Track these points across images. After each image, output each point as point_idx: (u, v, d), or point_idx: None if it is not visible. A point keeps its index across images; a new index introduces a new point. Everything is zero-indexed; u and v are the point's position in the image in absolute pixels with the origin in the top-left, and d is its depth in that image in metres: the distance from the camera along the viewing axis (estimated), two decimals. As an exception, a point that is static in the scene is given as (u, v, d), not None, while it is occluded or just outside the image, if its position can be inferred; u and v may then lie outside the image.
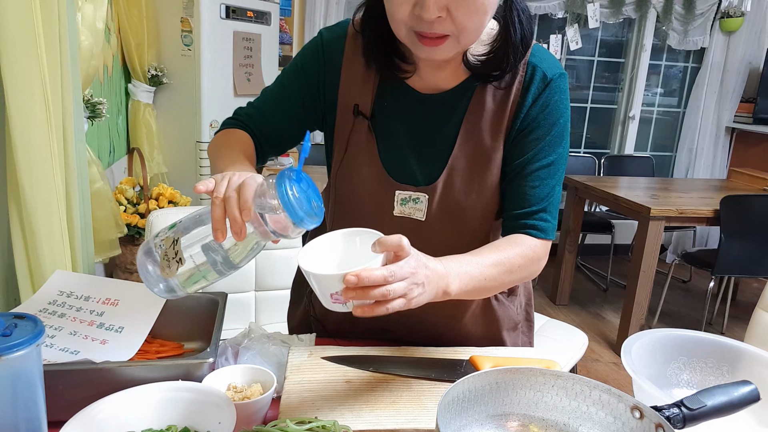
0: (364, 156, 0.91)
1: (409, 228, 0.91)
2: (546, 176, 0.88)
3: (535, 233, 0.87)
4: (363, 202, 0.93)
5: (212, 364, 0.77)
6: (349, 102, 0.91)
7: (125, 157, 2.66)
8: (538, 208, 0.87)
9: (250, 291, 1.68)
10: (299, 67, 0.94)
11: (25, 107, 1.03)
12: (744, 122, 4.26)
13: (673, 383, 0.86)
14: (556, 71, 0.87)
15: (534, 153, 0.87)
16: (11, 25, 0.97)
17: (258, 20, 2.89)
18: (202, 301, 0.95)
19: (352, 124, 0.91)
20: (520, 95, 0.87)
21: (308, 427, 0.67)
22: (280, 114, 0.94)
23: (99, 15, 1.68)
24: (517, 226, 0.88)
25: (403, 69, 0.87)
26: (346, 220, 0.97)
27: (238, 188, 0.64)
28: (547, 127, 0.87)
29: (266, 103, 0.96)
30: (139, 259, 0.69)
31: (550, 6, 3.95)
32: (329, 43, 0.92)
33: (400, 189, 0.90)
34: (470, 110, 0.88)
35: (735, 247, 2.86)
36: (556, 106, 0.87)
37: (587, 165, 4.10)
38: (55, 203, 1.12)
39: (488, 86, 0.87)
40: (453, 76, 0.88)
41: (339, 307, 0.66)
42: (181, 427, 0.68)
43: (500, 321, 1.01)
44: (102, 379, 0.73)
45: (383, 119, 0.90)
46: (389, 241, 0.65)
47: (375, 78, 0.90)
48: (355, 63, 0.90)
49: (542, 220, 0.88)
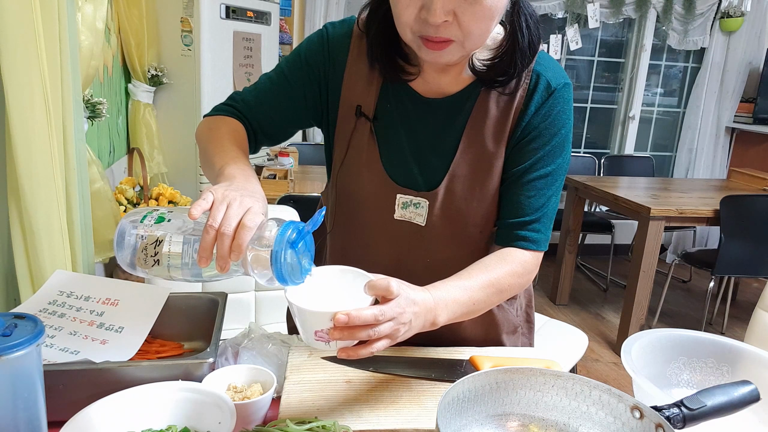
0: (366, 158, 0.90)
1: (409, 232, 0.91)
2: (543, 186, 0.87)
3: (527, 245, 0.87)
4: (364, 204, 0.93)
5: (212, 364, 0.77)
6: (352, 102, 0.90)
7: (125, 157, 2.66)
8: (532, 218, 0.87)
9: (250, 291, 1.68)
10: (303, 60, 0.91)
11: (25, 107, 1.03)
12: (744, 122, 4.26)
13: (673, 383, 0.86)
14: (560, 81, 0.86)
15: (533, 162, 0.86)
16: (11, 25, 0.97)
17: (258, 20, 2.89)
18: (202, 301, 0.95)
19: (354, 125, 0.90)
20: (524, 103, 0.86)
21: (308, 427, 0.67)
22: (279, 106, 0.92)
23: (99, 15, 1.68)
24: (509, 237, 0.88)
25: (407, 71, 0.86)
26: (347, 221, 0.97)
27: (236, 229, 0.61)
28: (547, 136, 0.86)
29: (265, 93, 0.93)
30: (119, 232, 0.69)
31: (550, 6, 3.95)
32: (335, 40, 0.90)
33: (402, 193, 0.90)
34: (473, 116, 0.87)
35: (735, 247, 2.86)
36: (559, 116, 0.86)
37: (587, 165, 4.10)
38: (55, 203, 1.12)
39: (492, 92, 0.86)
40: (457, 80, 0.87)
41: (321, 345, 0.65)
42: (181, 427, 0.68)
43: (500, 325, 1.01)
44: (102, 379, 0.73)
45: (386, 122, 0.90)
46: (378, 285, 0.66)
47: (378, 79, 0.89)
48: (359, 63, 0.89)
49: (535, 231, 0.87)
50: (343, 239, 0.99)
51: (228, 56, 2.76)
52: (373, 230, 0.94)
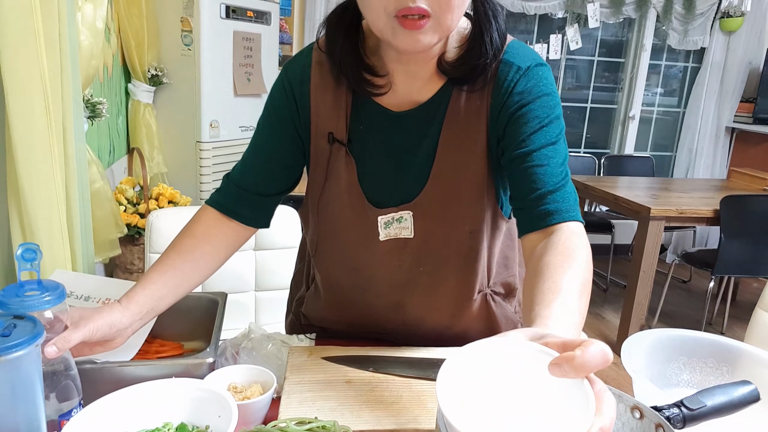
0: (344, 183, 0.89)
1: (397, 248, 0.90)
2: (552, 154, 0.80)
3: (561, 217, 0.77)
4: (345, 229, 0.92)
5: (212, 364, 0.77)
6: (323, 130, 0.88)
7: (125, 157, 2.66)
8: (553, 188, 0.79)
9: (250, 291, 1.68)
10: (270, 112, 0.91)
11: (25, 107, 1.03)
12: (744, 122, 4.26)
13: (673, 383, 0.86)
14: (531, 62, 0.83)
15: (529, 133, 0.81)
16: (11, 24, 0.97)
17: (258, 20, 2.89)
18: (202, 301, 0.95)
19: (329, 152, 0.89)
20: (495, 92, 0.83)
21: (308, 427, 0.67)
22: (268, 164, 0.92)
23: (99, 15, 1.68)
24: (538, 216, 0.78)
25: (375, 84, 0.84)
26: (331, 245, 0.96)
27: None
28: (535, 109, 0.81)
29: (251, 157, 0.93)
30: None
31: (550, 6, 3.95)
32: (294, 76, 0.89)
33: (382, 214, 0.88)
34: (447, 119, 0.85)
35: (735, 247, 2.86)
36: (536, 86, 0.82)
37: (587, 165, 4.10)
38: (55, 203, 1.12)
39: (463, 93, 0.85)
40: (428, 86, 0.85)
41: None
42: (178, 424, 0.68)
43: (499, 322, 1.01)
44: (102, 378, 0.73)
45: (360, 143, 0.88)
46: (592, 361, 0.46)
47: (347, 102, 0.87)
48: (323, 89, 0.87)
49: (561, 201, 0.78)
50: (327, 264, 0.99)
51: (228, 56, 2.76)
52: (360, 254, 0.93)
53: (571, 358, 0.46)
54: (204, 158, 2.76)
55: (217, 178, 2.83)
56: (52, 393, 0.65)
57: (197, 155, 2.76)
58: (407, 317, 0.97)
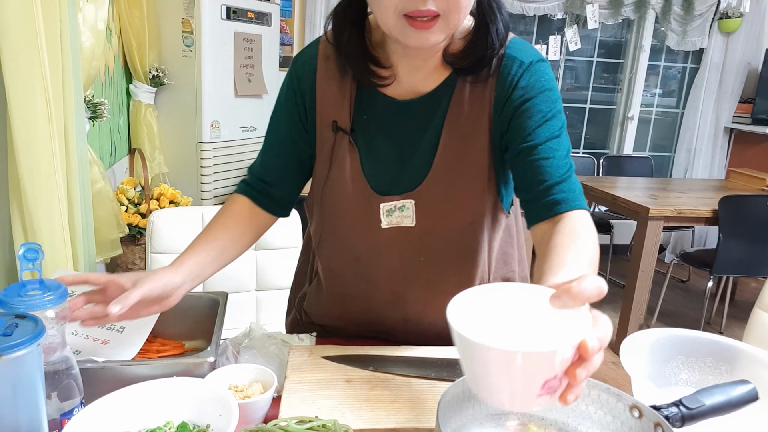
0: (348, 171, 0.90)
1: (398, 237, 0.91)
2: (557, 147, 0.82)
3: (569, 206, 0.80)
4: (348, 219, 0.93)
5: (213, 363, 0.78)
6: (327, 119, 0.90)
7: (126, 157, 2.66)
8: (559, 179, 0.81)
9: (251, 291, 1.68)
10: (281, 104, 0.95)
11: (27, 108, 1.03)
12: (742, 122, 4.27)
13: (671, 382, 0.86)
14: (533, 58, 0.85)
15: (534, 127, 0.83)
16: (13, 25, 0.98)
17: (258, 21, 2.89)
18: (202, 300, 0.95)
19: (333, 141, 0.90)
20: (499, 84, 0.85)
21: (308, 427, 0.67)
22: (283, 157, 0.95)
23: (100, 16, 1.69)
24: (546, 206, 0.81)
25: (380, 75, 0.86)
26: (334, 237, 0.97)
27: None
28: (537, 104, 0.83)
29: (267, 152, 0.97)
30: None
31: (549, 7, 3.96)
32: (301, 69, 0.92)
33: (384, 201, 0.89)
34: (451, 110, 0.87)
35: (733, 246, 2.87)
36: (539, 81, 0.84)
37: (586, 165, 4.11)
38: (56, 203, 1.13)
39: (467, 84, 0.86)
40: (432, 77, 0.87)
41: (543, 401, 0.49)
42: (179, 423, 0.68)
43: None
44: (104, 378, 0.73)
45: (363, 132, 0.90)
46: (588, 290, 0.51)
47: (351, 92, 0.89)
48: (329, 80, 0.89)
49: (568, 191, 0.81)
50: (330, 254, 1.00)
51: (229, 57, 2.76)
52: (362, 242, 0.94)
53: (568, 288, 0.51)
54: (205, 159, 2.76)
55: (218, 179, 2.83)
56: (54, 392, 0.66)
57: (198, 156, 2.76)
58: (407, 311, 0.97)
